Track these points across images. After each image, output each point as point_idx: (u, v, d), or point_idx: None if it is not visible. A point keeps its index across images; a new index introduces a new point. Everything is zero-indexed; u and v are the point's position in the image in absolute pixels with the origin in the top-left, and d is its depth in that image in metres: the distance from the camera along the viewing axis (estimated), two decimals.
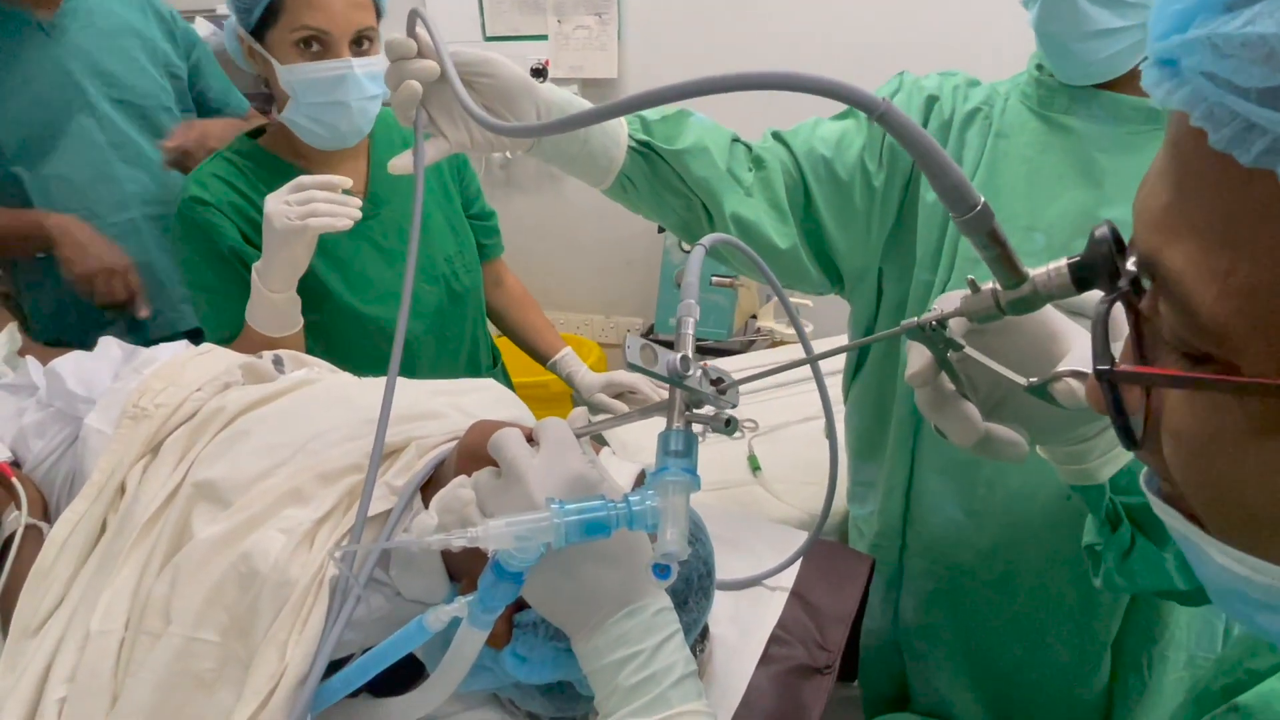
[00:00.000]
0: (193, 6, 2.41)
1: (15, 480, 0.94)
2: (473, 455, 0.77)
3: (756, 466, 1.55)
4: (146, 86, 1.68)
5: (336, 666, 0.74)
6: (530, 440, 0.70)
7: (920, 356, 0.65)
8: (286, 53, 1.26)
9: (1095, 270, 0.45)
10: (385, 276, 1.40)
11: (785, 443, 1.62)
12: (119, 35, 1.66)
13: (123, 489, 0.89)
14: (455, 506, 0.69)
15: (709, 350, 2.49)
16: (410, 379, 1.00)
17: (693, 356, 0.64)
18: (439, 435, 0.87)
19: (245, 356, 1.06)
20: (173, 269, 1.64)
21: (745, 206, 0.98)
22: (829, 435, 0.91)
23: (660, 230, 2.53)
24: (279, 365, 1.09)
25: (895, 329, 0.64)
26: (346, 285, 1.37)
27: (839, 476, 0.93)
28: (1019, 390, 0.62)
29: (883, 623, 1.27)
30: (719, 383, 0.66)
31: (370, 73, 1.29)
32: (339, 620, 0.73)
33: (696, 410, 0.65)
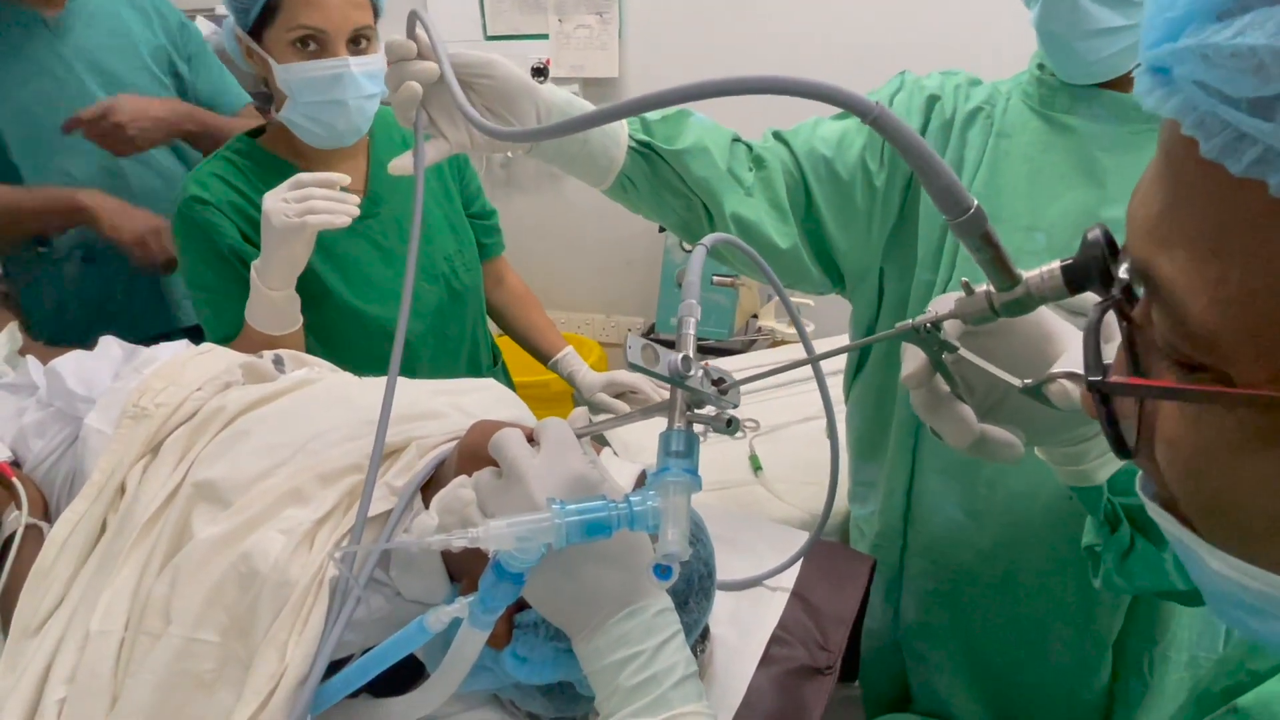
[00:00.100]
0: (193, 6, 2.40)
1: (15, 480, 0.94)
2: (473, 455, 0.76)
3: (758, 466, 1.55)
4: (148, 85, 1.68)
5: (336, 667, 0.74)
6: (531, 440, 0.70)
7: (914, 358, 0.65)
8: (284, 52, 1.26)
9: (1088, 273, 0.45)
10: (385, 276, 1.40)
11: (786, 443, 1.62)
12: (121, 34, 1.66)
13: (123, 489, 0.89)
14: (456, 507, 0.69)
15: (710, 350, 2.49)
16: (410, 379, 1.00)
17: (694, 356, 0.64)
18: (439, 435, 0.87)
19: (245, 356, 1.06)
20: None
21: (746, 206, 0.98)
22: (830, 435, 0.91)
23: (661, 230, 2.53)
24: (279, 365, 1.08)
25: (890, 331, 0.64)
26: (346, 285, 1.37)
27: (840, 477, 0.93)
28: (1015, 391, 0.62)
29: (883, 623, 1.27)
30: (720, 383, 0.66)
31: (368, 72, 1.29)
32: (339, 621, 0.73)
33: (698, 410, 0.65)
